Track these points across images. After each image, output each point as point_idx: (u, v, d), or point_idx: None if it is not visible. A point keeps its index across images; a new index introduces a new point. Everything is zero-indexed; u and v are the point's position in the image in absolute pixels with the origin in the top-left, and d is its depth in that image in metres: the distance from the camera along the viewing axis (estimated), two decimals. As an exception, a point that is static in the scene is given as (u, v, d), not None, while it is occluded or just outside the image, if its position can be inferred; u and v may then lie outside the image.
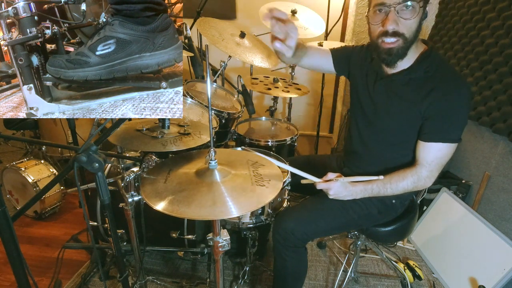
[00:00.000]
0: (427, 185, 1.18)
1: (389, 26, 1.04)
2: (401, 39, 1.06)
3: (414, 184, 1.18)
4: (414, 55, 1.14)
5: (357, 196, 1.24)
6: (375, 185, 1.21)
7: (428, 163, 1.15)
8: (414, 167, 1.18)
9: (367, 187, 1.22)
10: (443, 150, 1.13)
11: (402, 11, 1.02)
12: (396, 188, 1.19)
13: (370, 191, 1.22)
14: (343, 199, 1.24)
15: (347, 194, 1.22)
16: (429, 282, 1.79)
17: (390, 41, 1.07)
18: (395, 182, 1.19)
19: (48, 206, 2.19)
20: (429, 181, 1.18)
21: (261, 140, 1.84)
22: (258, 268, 1.80)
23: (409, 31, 1.05)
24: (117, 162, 1.43)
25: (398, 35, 1.05)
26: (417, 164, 1.18)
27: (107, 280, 1.73)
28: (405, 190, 1.20)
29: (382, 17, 1.05)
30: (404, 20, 1.03)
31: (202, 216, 0.84)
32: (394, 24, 1.04)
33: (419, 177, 1.17)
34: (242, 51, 1.88)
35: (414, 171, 1.17)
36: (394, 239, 1.85)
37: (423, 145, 1.16)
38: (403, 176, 1.19)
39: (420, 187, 1.19)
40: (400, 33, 1.05)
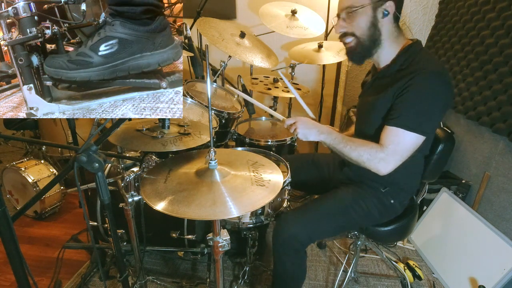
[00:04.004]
0: (380, 169, 1.15)
1: (337, 30, 1.23)
2: (354, 38, 1.20)
3: (369, 157, 1.15)
4: (393, 51, 1.22)
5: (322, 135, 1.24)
6: (340, 135, 1.23)
7: (385, 146, 1.14)
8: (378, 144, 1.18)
9: (332, 133, 1.24)
10: (400, 137, 1.12)
11: (348, 16, 1.18)
12: (354, 150, 1.18)
13: (333, 137, 1.23)
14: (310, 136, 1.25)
15: (313, 129, 1.25)
16: (429, 282, 1.79)
17: (347, 42, 1.23)
18: (356, 144, 1.19)
19: (48, 206, 2.19)
20: (383, 166, 1.14)
21: (261, 140, 1.84)
22: (258, 268, 1.80)
23: (359, 30, 1.18)
24: (117, 162, 1.43)
25: (350, 35, 1.21)
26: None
27: (107, 280, 1.73)
28: (358, 159, 1.18)
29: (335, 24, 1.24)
30: (352, 23, 1.18)
31: (202, 216, 0.84)
32: (341, 28, 1.21)
33: (376, 155, 1.14)
34: (242, 51, 1.88)
35: (376, 146, 1.16)
36: (394, 239, 1.85)
37: (384, 128, 1.17)
38: (365, 144, 1.18)
39: (373, 167, 1.16)
40: (350, 32, 1.20)
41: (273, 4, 2.29)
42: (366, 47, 1.20)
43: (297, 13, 2.25)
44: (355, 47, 1.21)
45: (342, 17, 1.20)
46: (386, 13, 1.15)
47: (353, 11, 1.15)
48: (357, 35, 1.19)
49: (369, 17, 1.15)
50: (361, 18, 1.16)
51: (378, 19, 1.16)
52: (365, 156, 1.16)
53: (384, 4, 1.14)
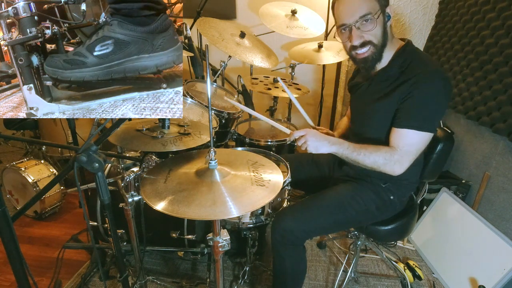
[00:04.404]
0: (396, 170, 1.18)
1: (355, 42, 1.17)
2: (371, 46, 1.17)
3: (385, 161, 1.17)
4: (389, 53, 1.22)
5: (333, 147, 1.21)
6: (351, 144, 1.21)
7: (399, 148, 1.17)
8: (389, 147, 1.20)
9: (343, 143, 1.21)
10: (412, 137, 1.16)
11: (363, 25, 1.14)
12: (368, 157, 1.18)
13: (345, 147, 1.20)
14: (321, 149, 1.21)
15: (324, 141, 1.21)
16: (429, 282, 1.78)
17: (362, 52, 1.18)
18: (370, 150, 1.19)
19: (48, 206, 2.19)
20: (398, 167, 1.17)
21: (261, 140, 1.84)
22: (258, 268, 1.80)
23: (375, 37, 1.16)
24: (117, 162, 1.43)
25: (367, 44, 1.17)
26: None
27: (107, 280, 1.73)
28: (374, 164, 1.18)
29: (348, 35, 1.18)
30: (367, 31, 1.14)
31: (202, 216, 0.84)
32: (359, 39, 1.16)
33: (391, 157, 1.16)
34: (242, 51, 1.88)
35: (389, 149, 1.18)
36: (394, 238, 1.85)
37: (394, 131, 1.19)
38: (378, 149, 1.19)
39: (389, 169, 1.18)
40: (368, 41, 1.16)
41: (273, 4, 2.29)
42: (379, 53, 1.19)
43: (297, 13, 2.25)
44: (371, 55, 1.19)
45: (357, 26, 1.14)
46: (389, 17, 1.17)
47: (369, 19, 1.12)
48: (375, 43, 1.16)
49: (382, 23, 1.15)
50: (378, 25, 1.13)
51: (386, 23, 1.17)
52: (381, 161, 1.17)
53: (386, 8, 1.16)
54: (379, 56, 1.20)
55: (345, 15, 1.16)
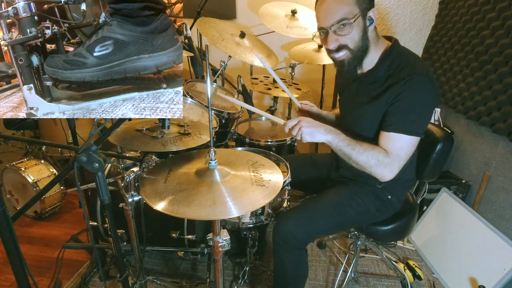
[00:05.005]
0: (385, 174, 1.15)
1: (330, 46, 1.16)
2: (347, 51, 1.16)
3: (377, 162, 1.14)
4: (376, 55, 1.20)
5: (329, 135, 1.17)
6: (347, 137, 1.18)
7: (389, 152, 1.15)
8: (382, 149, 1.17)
9: (339, 134, 1.18)
10: (401, 141, 1.14)
11: (339, 29, 1.12)
12: (362, 154, 1.15)
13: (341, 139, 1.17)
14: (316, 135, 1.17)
15: (319, 127, 1.18)
16: (429, 282, 1.78)
17: (339, 56, 1.18)
18: (364, 147, 1.16)
19: (48, 206, 2.19)
20: (388, 171, 1.15)
21: (261, 140, 1.84)
22: (258, 268, 1.80)
23: (352, 42, 1.14)
24: (117, 162, 1.43)
25: (343, 48, 1.16)
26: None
27: (107, 280, 1.73)
28: (366, 163, 1.16)
29: (324, 38, 1.18)
30: (343, 36, 1.13)
31: (202, 216, 0.84)
32: (335, 42, 1.15)
33: (383, 160, 1.14)
34: (242, 51, 1.88)
35: (382, 151, 1.16)
36: (394, 238, 1.85)
37: (383, 135, 1.17)
38: (373, 148, 1.17)
39: (379, 172, 1.16)
40: (343, 45, 1.15)
41: (273, 4, 2.29)
42: (358, 58, 1.18)
43: (297, 13, 2.24)
44: (347, 60, 1.18)
45: (333, 30, 1.12)
46: (371, 21, 1.14)
47: (346, 24, 1.10)
48: (351, 47, 1.15)
49: (361, 27, 1.12)
50: (355, 29, 1.11)
51: (367, 27, 1.14)
52: (373, 161, 1.15)
53: (369, 11, 1.13)
54: (357, 61, 1.18)
55: (322, 19, 1.14)
